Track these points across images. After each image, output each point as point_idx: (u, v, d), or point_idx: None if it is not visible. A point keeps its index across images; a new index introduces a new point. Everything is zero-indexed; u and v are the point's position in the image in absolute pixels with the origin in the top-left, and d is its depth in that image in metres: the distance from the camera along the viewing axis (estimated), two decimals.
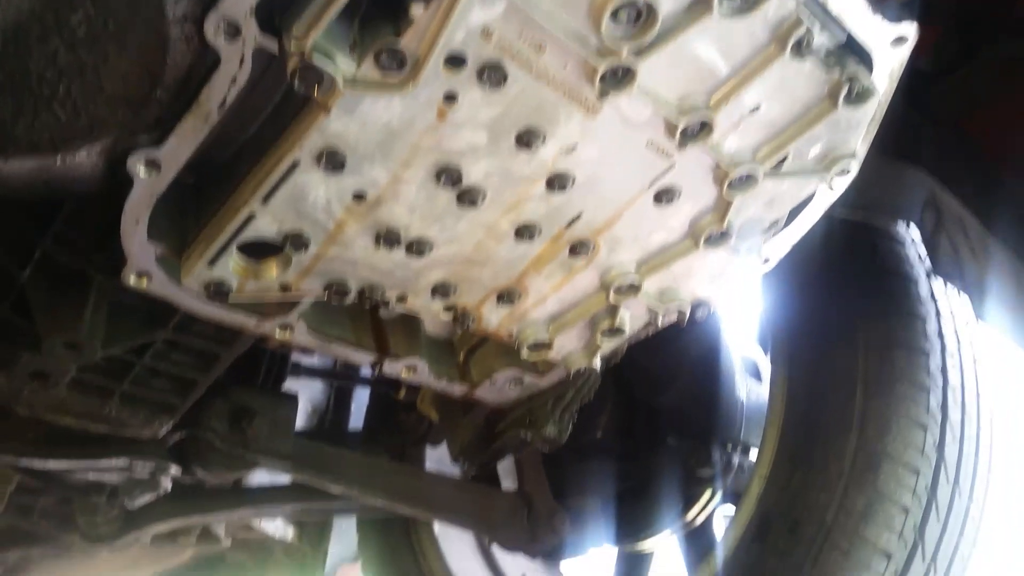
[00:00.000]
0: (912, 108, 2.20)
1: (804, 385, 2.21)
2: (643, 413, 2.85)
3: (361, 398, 3.54)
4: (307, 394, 3.42)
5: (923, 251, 2.20)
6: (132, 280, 1.18)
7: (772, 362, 2.33)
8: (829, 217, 1.47)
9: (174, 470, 1.91)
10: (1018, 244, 2.00)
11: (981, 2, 2.15)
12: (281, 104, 1.10)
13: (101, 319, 1.32)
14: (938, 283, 2.16)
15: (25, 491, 2.34)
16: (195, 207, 1.19)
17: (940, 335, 2.11)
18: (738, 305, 3.01)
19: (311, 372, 3.37)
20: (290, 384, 2.39)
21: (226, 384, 1.83)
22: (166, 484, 1.98)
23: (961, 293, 2.12)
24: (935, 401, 2.02)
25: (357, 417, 3.50)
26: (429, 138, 1.08)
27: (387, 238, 1.20)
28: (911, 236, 2.25)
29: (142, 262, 1.17)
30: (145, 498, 2.12)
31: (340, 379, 3.51)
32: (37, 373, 1.41)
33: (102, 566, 2.97)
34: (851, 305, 2.16)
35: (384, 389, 3.10)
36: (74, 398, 1.51)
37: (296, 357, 2.90)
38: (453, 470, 3.11)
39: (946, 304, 2.17)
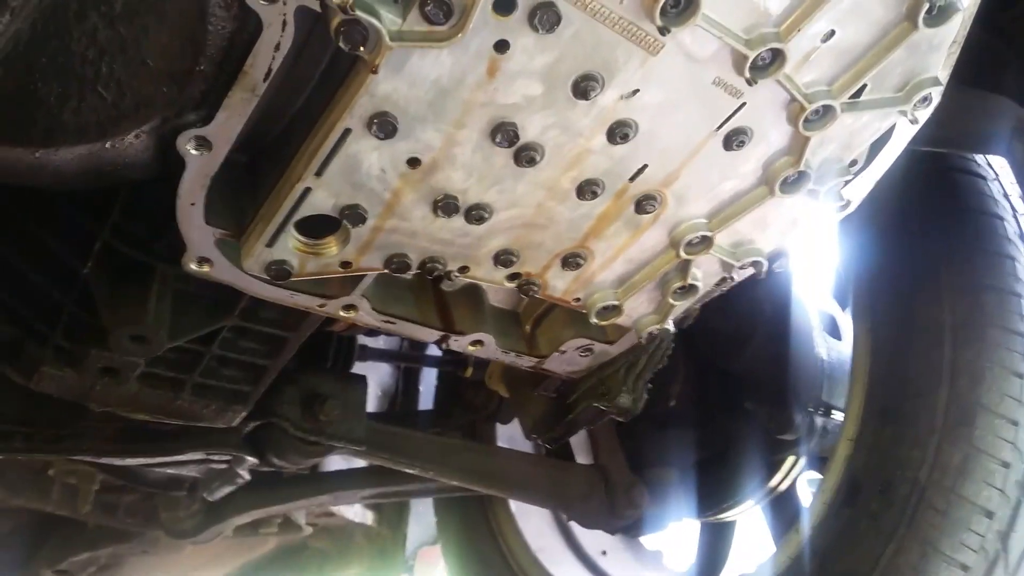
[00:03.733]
0: (989, 33, 2.06)
1: (888, 338, 2.10)
2: (717, 378, 2.76)
3: (429, 379, 3.54)
4: (375, 377, 3.42)
5: (1010, 186, 2.07)
6: (193, 266, 1.16)
7: (853, 316, 2.22)
8: (908, 152, 1.37)
9: (250, 460, 1.91)
10: None
11: None
12: (327, 71, 1.06)
13: (166, 309, 1.31)
14: None
15: (109, 489, 2.38)
16: (250, 186, 1.16)
17: None
18: (811, 255, 2.88)
19: (378, 355, 3.37)
20: (358, 368, 2.38)
21: (296, 370, 1.82)
22: (244, 475, 1.99)
23: None
24: None
25: (426, 399, 3.50)
26: (481, 93, 1.03)
27: (444, 206, 1.16)
28: (994, 171, 2.11)
29: (202, 247, 1.14)
30: (224, 490, 2.14)
31: (407, 361, 3.51)
32: (107, 369, 1.41)
33: (188, 560, 3.03)
34: (934, 248, 2.04)
35: (451, 368, 3.08)
36: (146, 392, 1.51)
37: (362, 340, 2.90)
38: (525, 446, 3.09)
39: None
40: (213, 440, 1.80)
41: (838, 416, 2.65)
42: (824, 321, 2.83)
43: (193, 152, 1.02)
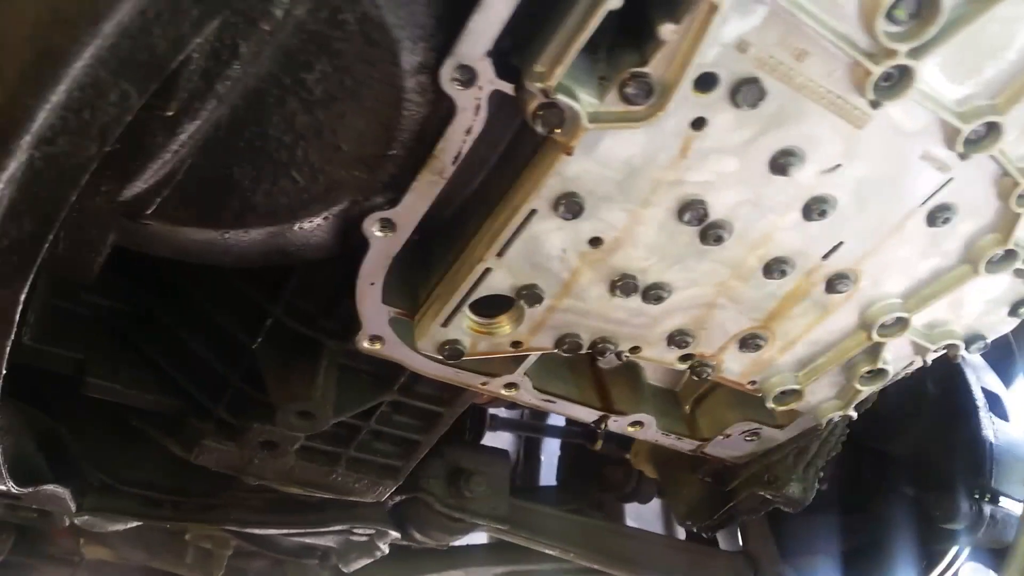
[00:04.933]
0: None
1: None
2: (872, 459, 2.56)
3: (550, 449, 3.45)
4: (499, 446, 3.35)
5: None
6: (366, 344, 1.15)
7: None
8: None
9: (393, 534, 1.87)
10: None
11: None
12: (511, 148, 1.03)
13: (332, 386, 1.30)
14: None
15: (240, 555, 2.39)
16: (423, 264, 1.15)
17: None
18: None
19: (503, 424, 3.32)
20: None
21: (440, 444, 1.79)
22: (384, 548, 1.95)
23: None
24: None
25: (547, 469, 3.40)
26: (672, 172, 0.98)
27: (623, 285, 1.11)
28: None
29: (376, 325, 1.13)
30: (361, 562, 2.10)
31: (531, 431, 3.43)
32: (268, 442, 1.41)
33: None
34: None
35: (579, 440, 2.99)
36: (302, 466, 1.50)
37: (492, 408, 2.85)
38: (654, 527, 2.94)
39: None
40: (359, 514, 1.78)
41: (1008, 504, 2.42)
42: (988, 398, 2.61)
43: (378, 234, 1.01)
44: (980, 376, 2.64)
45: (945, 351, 1.29)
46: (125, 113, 0.74)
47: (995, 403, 2.66)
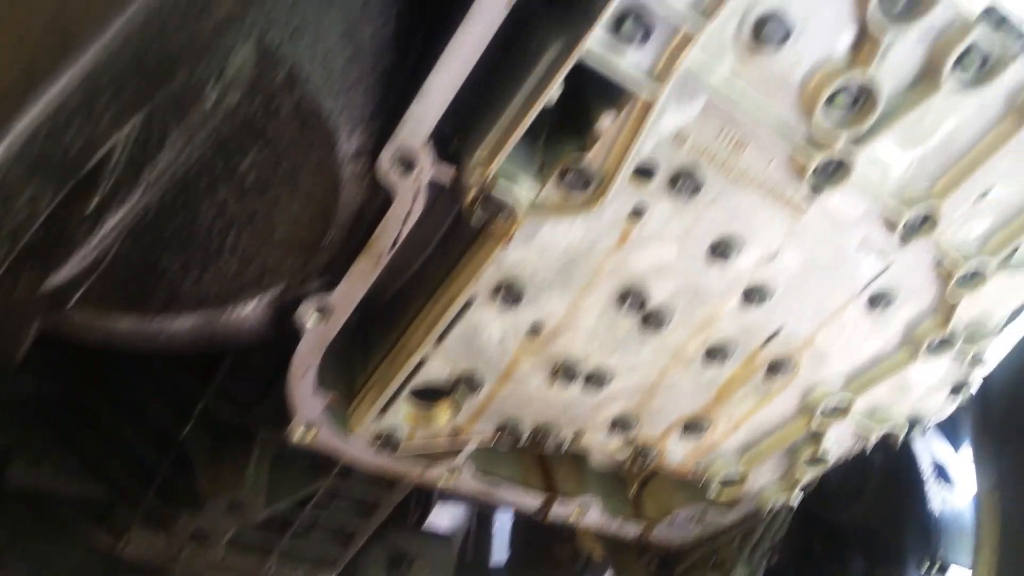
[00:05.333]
0: None
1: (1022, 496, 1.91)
2: (823, 531, 2.55)
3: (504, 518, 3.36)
4: (447, 521, 3.27)
5: None
6: (299, 433, 1.10)
7: (977, 470, 2.04)
8: None
9: None
10: None
11: None
12: (450, 233, 1.02)
13: (264, 475, 1.25)
14: None
15: None
16: (361, 347, 1.11)
17: None
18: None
19: (452, 496, 3.23)
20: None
21: (380, 527, 1.72)
22: None
23: None
24: None
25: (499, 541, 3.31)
26: (612, 259, 0.97)
27: (564, 372, 1.09)
28: None
29: (310, 413, 1.09)
30: None
31: (482, 504, 3.35)
32: (197, 533, 1.34)
33: None
34: None
35: (531, 516, 2.92)
36: (233, 557, 1.43)
37: None
38: None
39: None
40: None
41: (955, 572, 2.42)
42: (936, 468, 2.63)
43: (313, 322, 0.98)
44: (928, 443, 2.67)
45: (888, 435, 1.29)
46: (36, 215, 0.70)
47: (942, 472, 2.68)
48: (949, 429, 2.72)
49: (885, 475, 2.35)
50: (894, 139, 0.91)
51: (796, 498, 1.37)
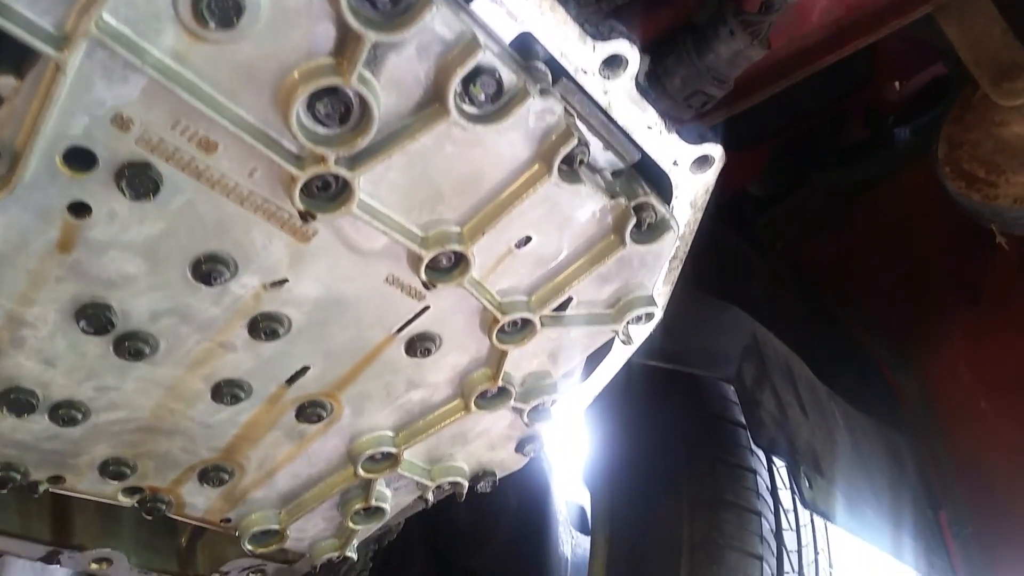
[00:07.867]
0: (743, 239, 2.07)
1: (626, 546, 1.94)
2: (458, 573, 2.48)
3: None
4: None
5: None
6: None
7: (593, 519, 2.06)
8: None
9: None
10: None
11: (809, 125, 2.09)
12: None
13: None
14: None
15: None
16: None
17: (774, 492, 1.91)
18: (562, 443, 2.73)
19: None
20: None
21: None
22: None
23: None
24: (768, 571, 1.79)
25: None
26: (57, 265, 0.76)
27: (14, 401, 0.85)
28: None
29: None
30: None
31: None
32: None
33: None
34: (676, 456, 1.93)
35: None
36: None
37: None
38: None
39: None
40: None
41: None
42: (573, 512, 2.67)
43: None
44: (567, 487, 2.71)
45: (450, 489, 1.19)
46: None
47: (580, 516, 2.73)
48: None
49: (516, 519, 2.33)
50: (410, 169, 0.78)
51: (353, 554, 1.22)
